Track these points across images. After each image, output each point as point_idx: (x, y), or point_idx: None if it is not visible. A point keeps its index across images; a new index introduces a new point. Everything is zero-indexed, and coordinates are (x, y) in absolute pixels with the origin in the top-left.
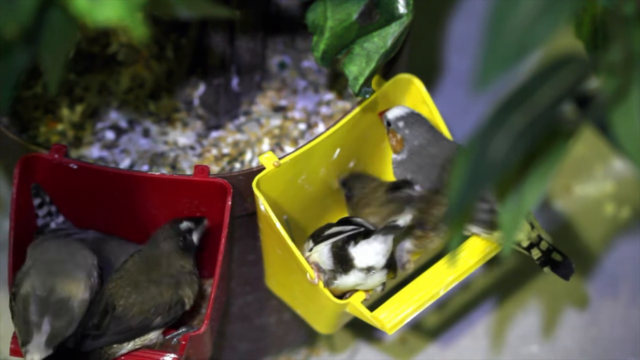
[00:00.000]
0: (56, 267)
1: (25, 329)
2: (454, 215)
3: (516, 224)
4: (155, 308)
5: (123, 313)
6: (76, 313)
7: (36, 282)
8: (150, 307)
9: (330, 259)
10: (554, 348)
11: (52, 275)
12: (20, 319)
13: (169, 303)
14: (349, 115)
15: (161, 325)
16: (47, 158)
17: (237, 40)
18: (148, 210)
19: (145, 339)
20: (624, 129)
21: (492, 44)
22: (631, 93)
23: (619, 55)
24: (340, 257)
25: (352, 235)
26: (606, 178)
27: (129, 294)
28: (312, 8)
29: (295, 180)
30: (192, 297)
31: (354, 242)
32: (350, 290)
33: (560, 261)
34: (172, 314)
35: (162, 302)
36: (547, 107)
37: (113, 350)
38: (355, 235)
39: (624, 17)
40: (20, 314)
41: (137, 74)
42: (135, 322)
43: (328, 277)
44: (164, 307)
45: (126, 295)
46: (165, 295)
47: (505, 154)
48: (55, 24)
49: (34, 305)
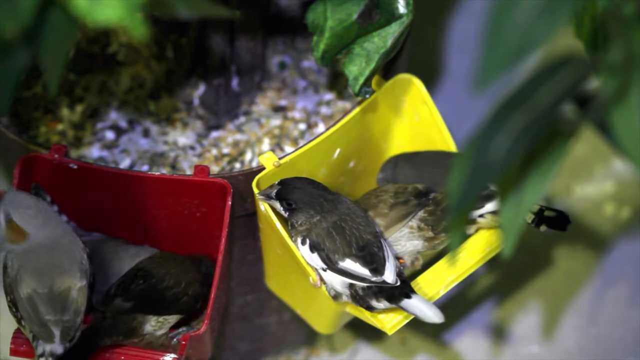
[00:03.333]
0: (45, 263)
1: (44, 330)
2: (454, 215)
3: (516, 224)
4: (186, 286)
5: (157, 282)
6: (80, 302)
7: (32, 282)
8: (183, 282)
9: (345, 289)
10: (554, 348)
11: (45, 272)
12: (35, 321)
13: (198, 292)
14: (349, 115)
15: (186, 308)
16: (47, 158)
17: (237, 40)
18: (148, 210)
19: (165, 320)
20: (624, 129)
21: (492, 44)
22: (631, 93)
23: (619, 55)
24: (357, 300)
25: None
26: (606, 178)
27: (163, 264)
28: (312, 8)
29: None
30: (201, 298)
31: (376, 298)
32: None
33: (555, 216)
34: (196, 303)
35: (194, 286)
36: (547, 107)
37: (139, 319)
38: (376, 290)
39: (624, 17)
40: (31, 318)
41: (137, 74)
42: (168, 293)
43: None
44: (194, 290)
45: (160, 266)
46: (192, 282)
47: (505, 154)
48: (55, 24)
49: (43, 304)
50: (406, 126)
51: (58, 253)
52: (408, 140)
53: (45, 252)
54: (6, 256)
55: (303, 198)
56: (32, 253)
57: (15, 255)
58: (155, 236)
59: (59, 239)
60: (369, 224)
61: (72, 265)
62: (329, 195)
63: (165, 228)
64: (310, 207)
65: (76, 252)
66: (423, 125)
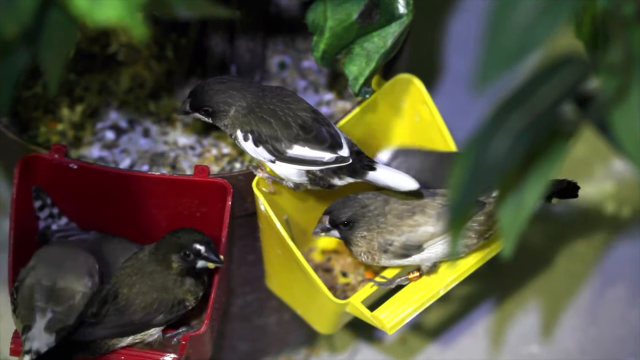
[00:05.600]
0: (60, 264)
1: (27, 313)
2: (454, 215)
3: (516, 224)
4: (159, 304)
5: (126, 306)
6: (77, 303)
7: (41, 274)
8: (154, 301)
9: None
10: (554, 348)
11: (56, 270)
12: (24, 305)
13: (172, 301)
14: (349, 115)
15: (162, 322)
16: (47, 158)
17: (237, 40)
18: (148, 210)
19: (145, 334)
20: (624, 129)
21: (492, 44)
22: (631, 93)
23: (619, 55)
24: (318, 183)
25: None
26: (606, 178)
27: (134, 283)
28: (312, 8)
29: None
30: (194, 298)
31: (337, 176)
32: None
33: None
34: (174, 312)
35: (166, 299)
36: (547, 107)
37: (113, 342)
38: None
39: (624, 17)
40: (24, 301)
41: (137, 74)
42: (137, 316)
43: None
44: (167, 304)
45: (131, 284)
46: (170, 292)
47: (505, 154)
48: (55, 24)
49: (39, 293)
50: (406, 126)
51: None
52: (408, 140)
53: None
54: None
55: (214, 97)
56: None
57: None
58: (155, 236)
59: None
60: (300, 100)
61: (82, 272)
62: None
63: (165, 228)
64: (227, 99)
65: (90, 266)
66: (423, 125)
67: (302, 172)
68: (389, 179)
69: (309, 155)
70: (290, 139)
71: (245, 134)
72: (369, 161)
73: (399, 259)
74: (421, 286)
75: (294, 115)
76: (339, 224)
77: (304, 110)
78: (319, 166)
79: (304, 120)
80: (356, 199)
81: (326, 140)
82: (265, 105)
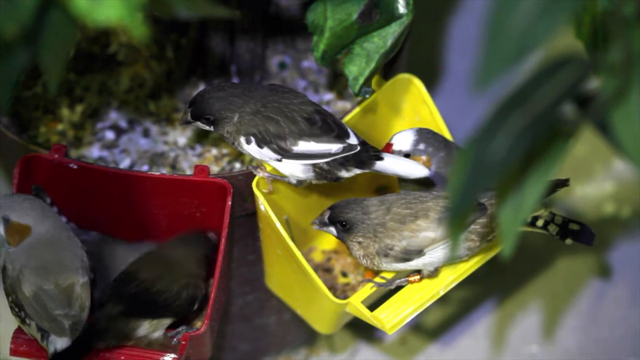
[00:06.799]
0: (48, 260)
1: (55, 325)
2: (454, 215)
3: (516, 224)
4: (178, 290)
5: (149, 284)
6: (84, 297)
7: (37, 280)
8: (174, 285)
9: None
10: (554, 348)
11: (48, 269)
12: (45, 317)
13: (186, 297)
14: (349, 115)
15: (176, 312)
16: (47, 158)
17: (237, 40)
18: (148, 210)
19: (159, 322)
20: (624, 129)
21: (492, 44)
22: (631, 93)
23: (619, 55)
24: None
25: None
26: (606, 178)
27: (154, 268)
28: (312, 8)
29: None
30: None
31: (345, 168)
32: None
33: (579, 230)
34: (183, 306)
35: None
36: (547, 107)
37: (132, 325)
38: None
39: (624, 17)
40: (40, 315)
41: (137, 74)
42: (159, 297)
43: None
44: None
45: (151, 269)
46: (185, 287)
47: (505, 154)
48: (55, 24)
49: (50, 300)
50: (406, 126)
51: (59, 250)
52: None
53: (47, 249)
54: (5, 259)
55: (215, 105)
56: (33, 250)
57: (16, 256)
58: (155, 236)
59: (58, 234)
60: (298, 94)
61: (73, 261)
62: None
63: (165, 228)
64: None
65: (76, 249)
66: (423, 125)
67: (309, 167)
68: (398, 167)
69: (315, 150)
70: (295, 135)
71: (247, 137)
72: (375, 151)
73: (400, 262)
74: (421, 286)
75: (298, 110)
76: (337, 222)
77: (304, 103)
78: (327, 158)
79: (308, 113)
80: (361, 204)
81: (333, 130)
82: (269, 104)
